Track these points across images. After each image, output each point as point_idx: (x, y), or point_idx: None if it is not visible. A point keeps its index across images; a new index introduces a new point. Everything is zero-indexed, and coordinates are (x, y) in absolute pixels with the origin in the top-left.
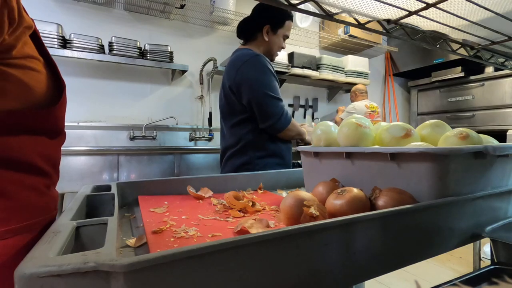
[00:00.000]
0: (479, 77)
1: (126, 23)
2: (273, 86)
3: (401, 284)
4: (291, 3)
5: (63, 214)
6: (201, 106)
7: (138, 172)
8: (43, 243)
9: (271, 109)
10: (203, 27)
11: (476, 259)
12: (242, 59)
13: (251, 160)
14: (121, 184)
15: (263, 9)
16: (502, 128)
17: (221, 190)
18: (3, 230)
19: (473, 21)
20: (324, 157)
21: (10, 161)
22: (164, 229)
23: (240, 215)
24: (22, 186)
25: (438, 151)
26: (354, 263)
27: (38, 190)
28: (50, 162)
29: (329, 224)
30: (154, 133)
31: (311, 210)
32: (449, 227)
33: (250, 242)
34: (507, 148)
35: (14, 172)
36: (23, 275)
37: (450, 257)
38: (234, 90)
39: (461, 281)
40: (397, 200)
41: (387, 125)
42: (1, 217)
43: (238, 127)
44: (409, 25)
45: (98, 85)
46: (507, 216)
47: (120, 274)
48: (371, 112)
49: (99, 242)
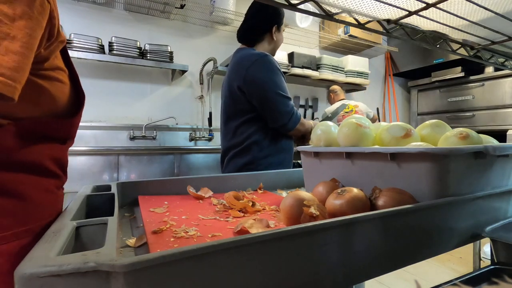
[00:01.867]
0: (479, 77)
1: (126, 23)
2: (283, 86)
3: (401, 284)
4: (291, 3)
5: (63, 214)
6: (201, 106)
7: (138, 172)
8: (43, 243)
9: (283, 108)
10: (203, 27)
11: (476, 259)
12: (251, 59)
13: (255, 160)
14: (121, 184)
15: (268, 11)
16: (502, 128)
17: (221, 190)
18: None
19: (473, 21)
20: (324, 157)
21: (29, 166)
22: (164, 229)
23: (240, 215)
24: (38, 188)
25: (438, 151)
26: (354, 263)
27: (51, 191)
28: (61, 165)
29: (329, 224)
30: (154, 133)
31: (311, 210)
32: (449, 227)
33: (250, 242)
34: (507, 148)
35: (32, 175)
36: (23, 275)
37: (450, 257)
38: (244, 90)
39: (461, 281)
40: (397, 200)
41: (387, 125)
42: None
43: (244, 127)
44: (409, 25)
45: (98, 85)
46: (507, 216)
47: (120, 274)
48: (345, 113)
49: (99, 242)
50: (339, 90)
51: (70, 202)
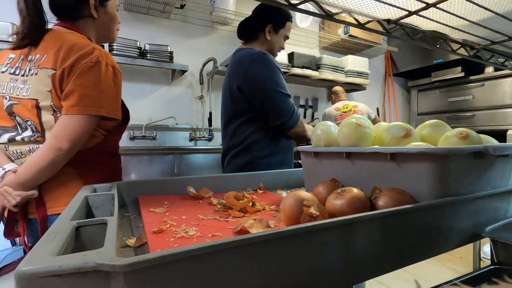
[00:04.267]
0: (479, 77)
1: (126, 23)
2: (283, 84)
3: (401, 284)
4: (291, 3)
5: (63, 214)
6: (201, 106)
7: (138, 172)
8: (43, 243)
9: (283, 106)
10: (203, 27)
11: (476, 259)
12: (249, 58)
13: (255, 160)
14: (121, 184)
15: (265, 9)
16: (502, 128)
17: (221, 190)
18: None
19: (473, 21)
20: (324, 157)
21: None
22: (164, 229)
23: (240, 215)
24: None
25: (438, 151)
26: (354, 263)
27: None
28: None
29: (329, 224)
30: (154, 133)
31: (311, 210)
32: (449, 227)
33: (250, 242)
34: (507, 148)
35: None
36: (23, 275)
37: (450, 257)
38: (244, 89)
39: (461, 281)
40: (397, 200)
41: (387, 125)
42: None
43: (244, 127)
44: (409, 25)
45: None
46: (507, 216)
47: (120, 274)
48: (342, 113)
49: (99, 242)
50: (341, 91)
51: (70, 202)
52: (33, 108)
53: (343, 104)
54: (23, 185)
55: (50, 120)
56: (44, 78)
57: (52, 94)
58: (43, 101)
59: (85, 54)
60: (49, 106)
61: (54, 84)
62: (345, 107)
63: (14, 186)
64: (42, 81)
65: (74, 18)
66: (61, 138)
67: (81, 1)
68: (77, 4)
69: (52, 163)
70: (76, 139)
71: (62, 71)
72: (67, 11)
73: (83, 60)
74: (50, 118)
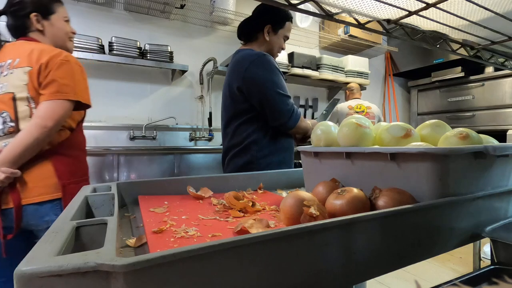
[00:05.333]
0: (479, 77)
1: (126, 23)
2: (282, 84)
3: (401, 284)
4: (291, 3)
5: (63, 214)
6: (201, 106)
7: (138, 172)
8: (43, 243)
9: (283, 107)
10: (203, 27)
11: (476, 259)
12: (249, 59)
13: (254, 160)
14: (121, 184)
15: (264, 9)
16: (502, 128)
17: (221, 190)
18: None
19: (473, 21)
20: (324, 157)
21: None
22: (164, 229)
23: (240, 215)
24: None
25: (438, 151)
26: (354, 263)
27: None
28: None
29: (329, 224)
30: (154, 133)
31: (311, 210)
32: (449, 227)
33: (250, 242)
34: (507, 148)
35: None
36: (23, 275)
37: (450, 257)
38: (244, 90)
39: (461, 281)
40: (397, 200)
41: (387, 125)
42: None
43: (243, 127)
44: (409, 25)
45: (98, 85)
46: (507, 216)
47: (120, 274)
48: (355, 113)
49: (99, 242)
50: (356, 89)
51: (70, 202)
52: (10, 100)
53: (356, 103)
54: (10, 162)
55: (25, 110)
56: (21, 74)
57: (29, 86)
58: (20, 93)
59: (56, 54)
60: (25, 98)
61: (31, 78)
62: (358, 107)
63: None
64: (19, 77)
65: (25, 33)
66: (46, 118)
67: (24, 18)
68: (22, 21)
69: (37, 140)
70: (58, 119)
71: (39, 66)
72: (18, 29)
73: (57, 58)
74: (25, 109)
